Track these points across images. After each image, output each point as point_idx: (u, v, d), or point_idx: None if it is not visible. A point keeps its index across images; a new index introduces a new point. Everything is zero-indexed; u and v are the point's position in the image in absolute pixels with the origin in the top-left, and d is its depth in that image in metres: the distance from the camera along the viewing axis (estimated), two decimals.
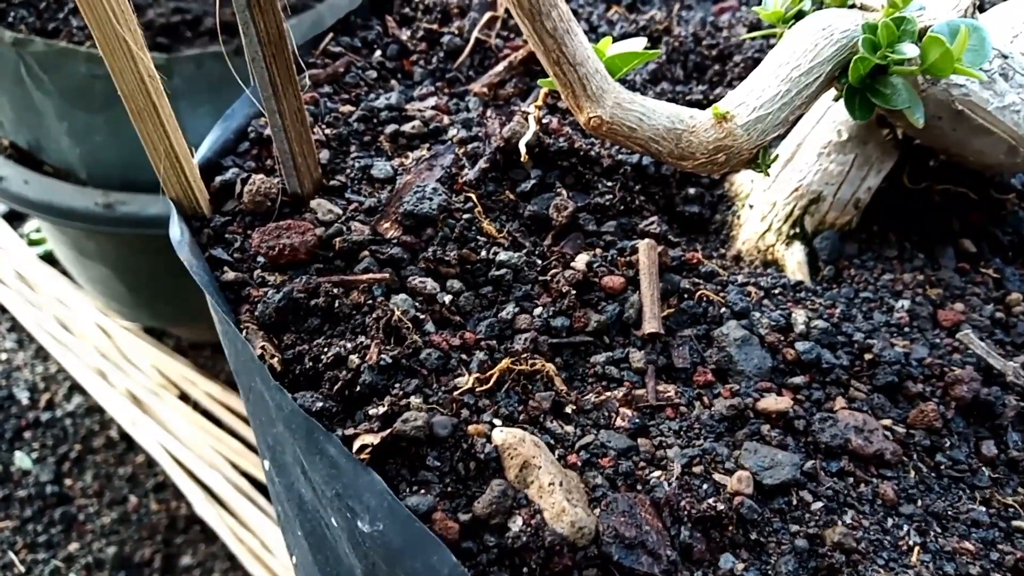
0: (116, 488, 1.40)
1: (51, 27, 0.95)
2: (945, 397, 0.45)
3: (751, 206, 0.55)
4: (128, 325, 1.53)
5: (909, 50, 0.40)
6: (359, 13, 0.63)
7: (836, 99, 0.44)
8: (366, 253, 0.45)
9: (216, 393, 1.43)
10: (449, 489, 0.36)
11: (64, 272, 1.60)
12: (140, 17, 0.99)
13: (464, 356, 0.41)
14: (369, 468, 0.34)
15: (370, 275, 0.43)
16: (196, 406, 1.43)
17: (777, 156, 0.49)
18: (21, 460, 1.44)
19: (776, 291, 0.50)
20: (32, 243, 1.72)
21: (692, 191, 0.57)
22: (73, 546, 1.33)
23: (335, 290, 0.42)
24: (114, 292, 1.47)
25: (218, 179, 0.49)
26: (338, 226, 0.46)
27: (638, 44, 0.47)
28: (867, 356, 0.45)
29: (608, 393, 0.42)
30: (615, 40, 0.47)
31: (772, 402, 0.42)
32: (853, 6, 0.44)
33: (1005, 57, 0.48)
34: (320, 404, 0.37)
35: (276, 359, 0.39)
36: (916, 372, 0.45)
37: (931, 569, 0.37)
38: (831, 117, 0.54)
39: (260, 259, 0.44)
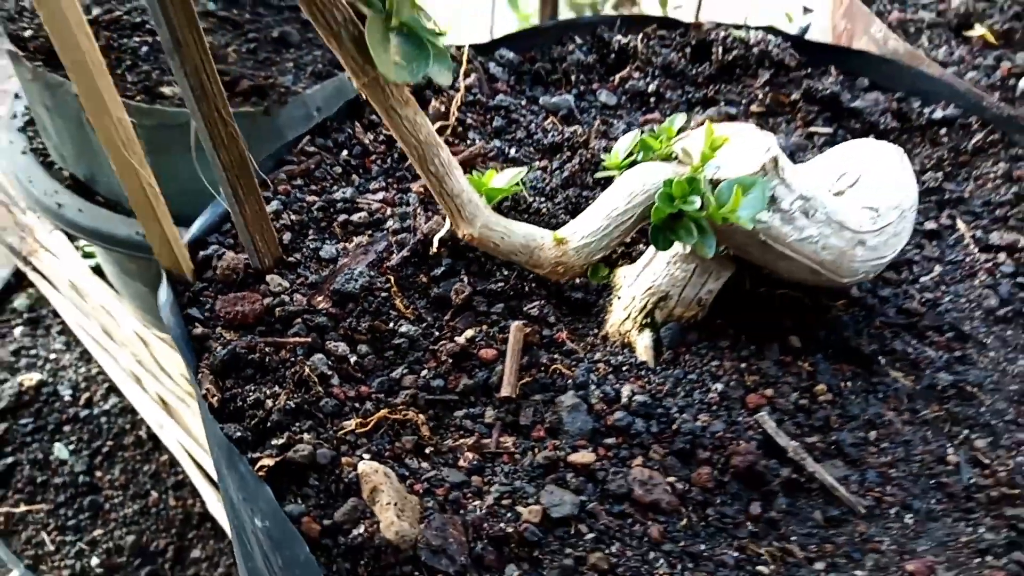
0: (140, 483, 1.58)
1: None
2: (726, 464, 0.58)
3: (619, 297, 0.69)
4: (163, 336, 1.72)
5: (696, 202, 0.54)
6: (335, 118, 0.79)
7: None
8: (299, 320, 0.60)
9: None
10: (321, 502, 0.50)
11: (111, 284, 1.80)
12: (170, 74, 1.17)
13: (356, 405, 0.56)
14: (263, 482, 0.49)
15: (296, 339, 0.59)
16: None
17: (605, 275, 0.63)
18: (60, 451, 1.62)
19: (623, 368, 0.64)
20: (86, 255, 1.93)
21: (579, 280, 0.71)
22: (97, 532, 1.51)
23: (268, 349, 0.57)
24: (150, 306, 1.66)
25: (201, 253, 0.65)
26: (282, 297, 0.62)
27: (516, 176, 0.62)
28: (672, 426, 0.59)
29: (462, 440, 0.56)
30: (551, 146, 0.62)
31: (580, 456, 0.55)
32: (673, 158, 0.58)
33: (807, 199, 0.61)
34: (239, 434, 0.52)
35: (216, 398, 0.55)
36: (707, 442, 0.58)
37: None
38: None
39: (221, 319, 0.60)
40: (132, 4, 1.28)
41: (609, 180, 0.60)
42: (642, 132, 0.61)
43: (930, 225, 0.81)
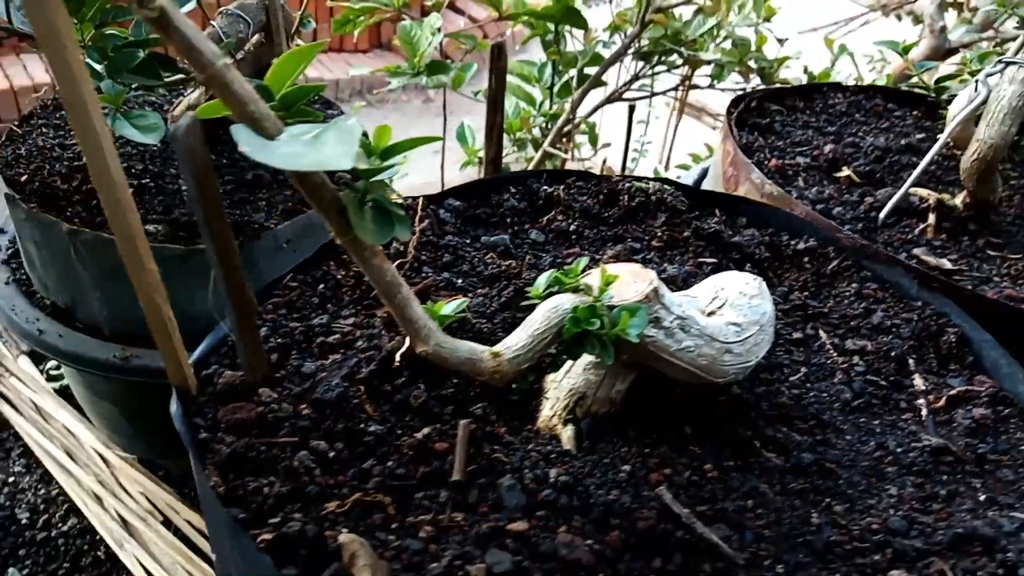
0: None
1: (97, 220, 1.28)
2: (632, 528, 0.73)
3: (547, 398, 0.85)
4: (126, 456, 1.78)
5: (596, 323, 0.72)
6: (312, 259, 0.97)
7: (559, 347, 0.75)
8: (287, 424, 0.75)
9: (196, 521, 1.65)
10: (309, 569, 0.63)
11: (76, 407, 1.88)
12: (167, 215, 1.34)
13: (335, 491, 0.70)
14: (264, 553, 0.62)
15: (285, 439, 0.73)
16: (177, 532, 1.66)
17: (532, 380, 0.80)
18: None
19: (551, 455, 0.79)
20: (50, 379, 2.01)
21: (513, 385, 0.87)
22: None
23: (262, 447, 0.71)
24: (118, 426, 1.74)
25: (203, 372, 0.80)
26: (272, 406, 0.76)
27: (460, 305, 0.79)
28: (590, 500, 0.74)
29: (421, 517, 0.70)
30: (491, 276, 0.79)
31: (516, 525, 0.70)
32: (579, 290, 0.77)
33: (683, 319, 0.80)
34: (243, 515, 0.66)
35: (223, 488, 0.68)
36: (617, 511, 0.73)
37: None
38: None
39: (222, 425, 0.74)
40: (120, 150, 1.46)
41: (533, 306, 0.78)
42: (558, 269, 0.79)
43: (797, 335, 1.00)
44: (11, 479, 1.89)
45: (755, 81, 2.47)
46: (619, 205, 1.13)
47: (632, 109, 2.09)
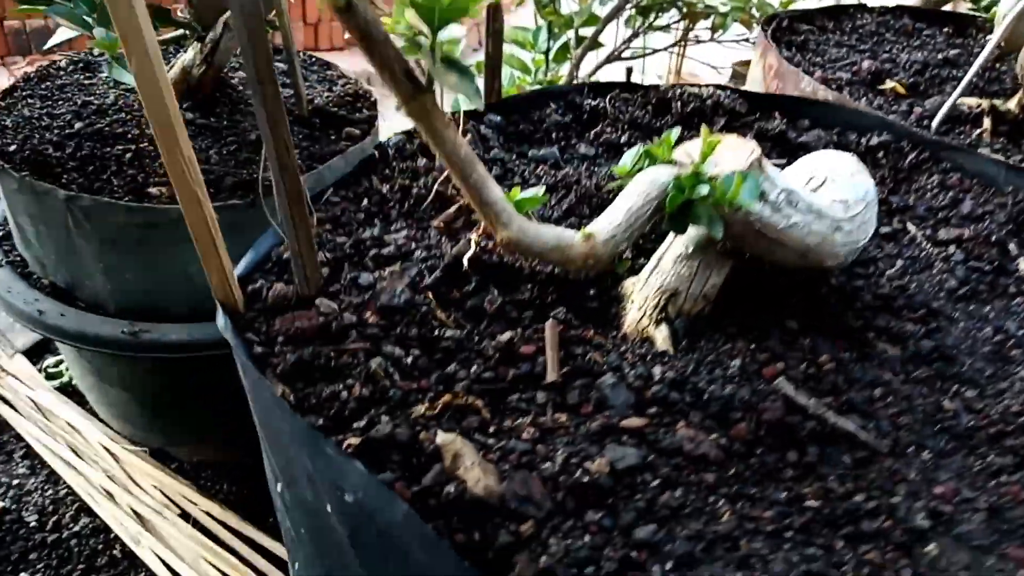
0: None
1: (96, 186, 1.18)
2: (759, 420, 0.64)
3: (632, 301, 0.76)
4: (135, 449, 1.67)
5: (703, 189, 0.63)
6: (352, 175, 0.87)
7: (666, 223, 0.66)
8: (353, 331, 0.65)
9: (215, 512, 1.55)
10: (406, 474, 0.54)
11: (78, 402, 1.76)
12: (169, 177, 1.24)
13: (419, 396, 0.61)
14: (353, 458, 0.53)
15: (356, 345, 0.63)
16: (196, 523, 1.55)
17: (629, 261, 0.71)
18: None
19: (648, 357, 0.70)
20: (49, 377, 1.89)
21: (592, 291, 0.78)
22: None
23: (331, 354, 0.62)
24: (129, 414, 1.63)
25: (250, 287, 0.70)
26: (335, 316, 0.67)
27: (538, 191, 0.70)
28: (704, 396, 0.65)
29: (520, 420, 0.61)
30: (546, 186, 0.70)
31: (632, 422, 0.61)
32: (674, 163, 0.68)
33: (789, 192, 0.71)
34: (320, 422, 0.56)
35: (292, 397, 0.58)
36: (737, 406, 0.65)
37: (736, 523, 0.55)
38: (681, 240, 0.76)
39: (280, 338, 0.64)
40: (113, 117, 1.36)
41: (618, 191, 0.69)
42: (643, 146, 0.70)
43: (884, 230, 0.92)
44: (16, 481, 1.78)
45: (757, 31, 2.40)
46: (671, 112, 1.05)
47: (629, 72, 2.00)
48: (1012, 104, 1.31)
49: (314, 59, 1.75)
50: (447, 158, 0.60)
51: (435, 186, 0.86)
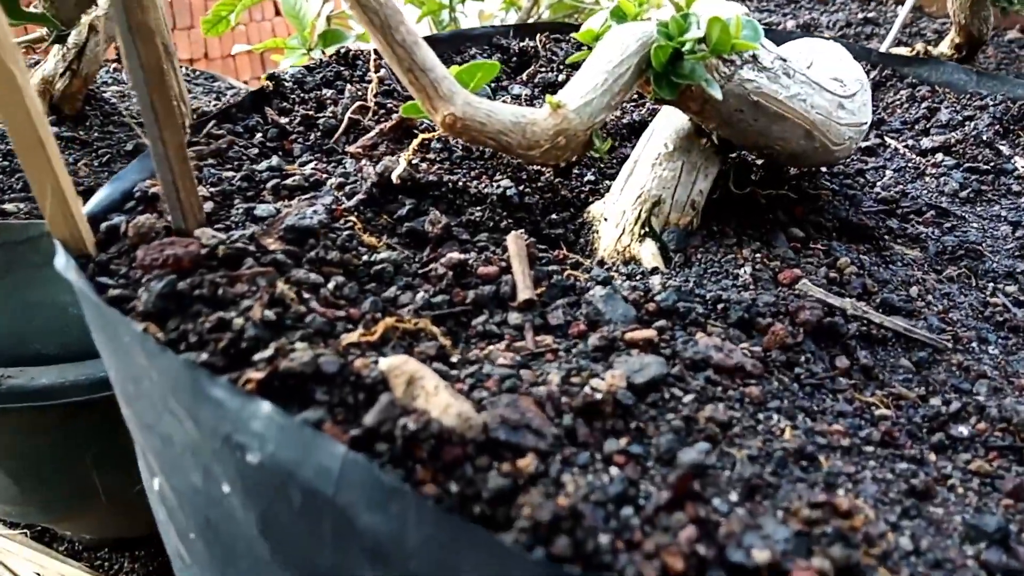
0: None
1: None
2: (793, 324, 0.50)
3: (605, 219, 0.62)
4: (9, 533, 1.38)
5: (694, 32, 0.50)
6: (239, 107, 0.70)
7: (651, 90, 0.52)
8: (250, 260, 0.48)
9: None
10: (339, 416, 0.36)
11: None
12: (28, 192, 1.03)
13: (350, 325, 0.44)
14: (255, 396, 0.35)
15: (255, 269, 0.46)
16: None
17: (610, 142, 0.56)
18: None
19: (636, 276, 0.55)
20: None
21: (555, 216, 0.63)
22: None
23: (220, 280, 0.44)
24: (8, 496, 1.34)
25: (104, 225, 0.51)
26: (221, 243, 0.49)
27: (490, 69, 0.55)
28: (719, 305, 0.51)
29: (491, 346, 0.45)
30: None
31: (639, 333, 0.45)
32: (649, 19, 0.54)
33: (784, 60, 0.59)
34: (204, 358, 0.38)
35: (160, 335, 0.40)
36: (764, 310, 0.50)
37: (804, 439, 0.40)
38: (658, 136, 0.63)
39: (143, 270, 0.46)
40: None
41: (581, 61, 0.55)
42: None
43: (864, 144, 0.82)
44: None
45: None
46: None
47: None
48: (944, 47, 1.27)
49: (199, 72, 1.60)
50: (364, 8, 0.45)
51: (347, 114, 0.70)
